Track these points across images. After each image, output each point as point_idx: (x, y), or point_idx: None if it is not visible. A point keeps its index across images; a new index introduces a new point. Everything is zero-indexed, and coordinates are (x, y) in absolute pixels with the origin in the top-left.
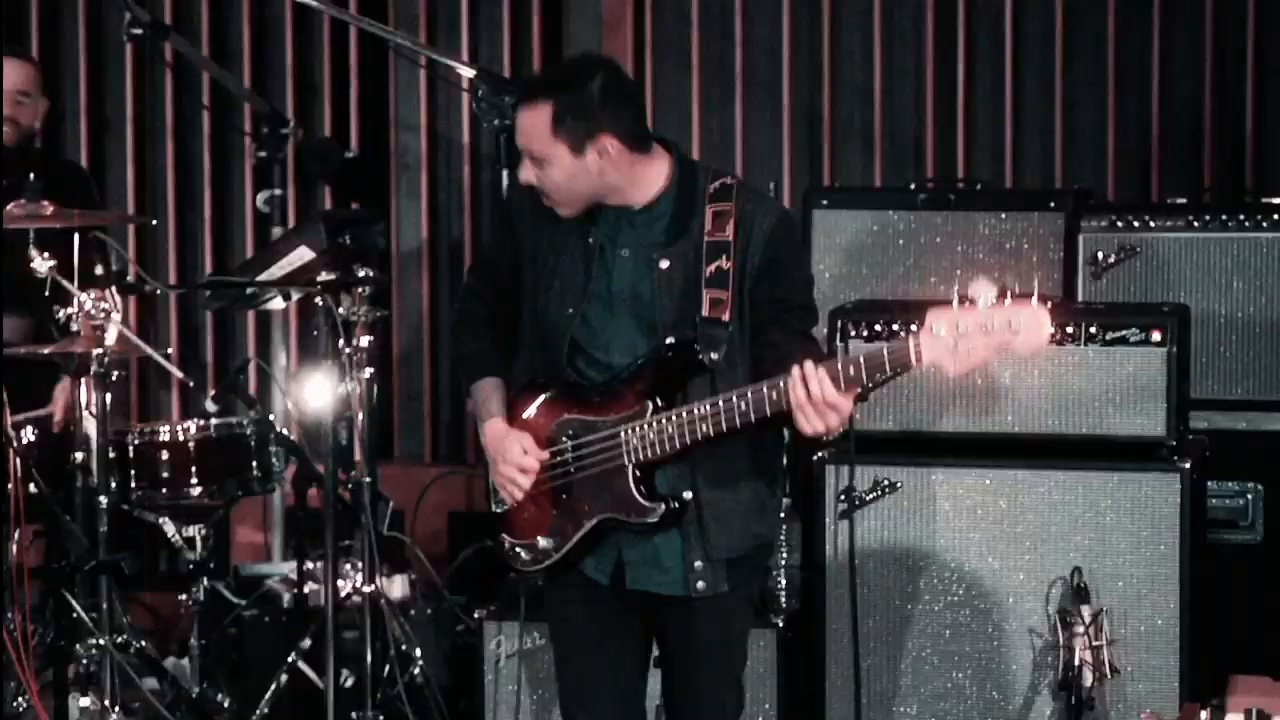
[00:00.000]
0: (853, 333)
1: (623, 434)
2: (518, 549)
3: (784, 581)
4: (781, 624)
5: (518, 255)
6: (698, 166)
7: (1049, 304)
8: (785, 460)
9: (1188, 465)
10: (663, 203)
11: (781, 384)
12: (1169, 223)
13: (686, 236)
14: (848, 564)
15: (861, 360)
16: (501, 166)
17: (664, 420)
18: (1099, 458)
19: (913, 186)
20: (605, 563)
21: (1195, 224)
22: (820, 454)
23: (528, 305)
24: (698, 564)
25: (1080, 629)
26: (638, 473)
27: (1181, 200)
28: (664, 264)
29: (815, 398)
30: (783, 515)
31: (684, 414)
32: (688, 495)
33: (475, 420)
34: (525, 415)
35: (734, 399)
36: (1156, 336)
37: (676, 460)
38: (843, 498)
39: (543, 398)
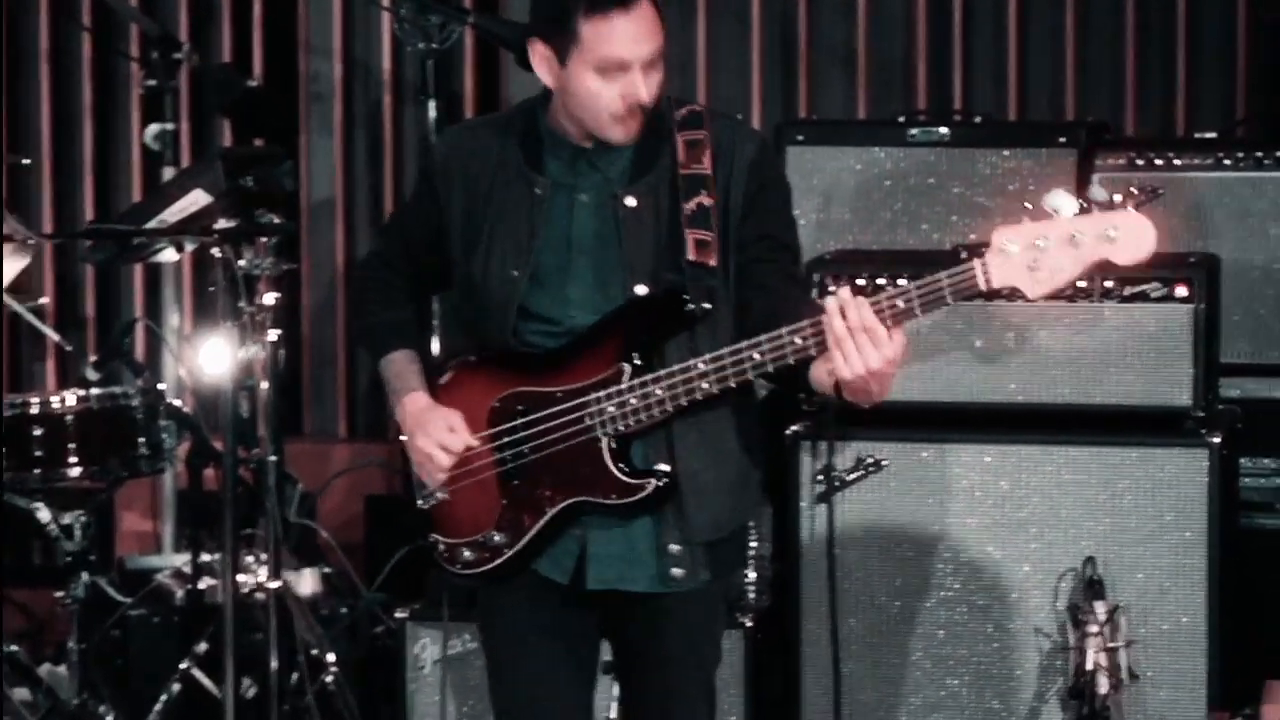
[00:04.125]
0: (832, 287)
1: (594, 402)
2: (461, 549)
3: (753, 575)
4: (750, 624)
5: (443, 222)
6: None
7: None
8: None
9: (1218, 440)
10: None
11: (805, 327)
12: (1197, 160)
13: (655, 169)
14: (826, 555)
15: (914, 292)
16: (427, 97)
17: (650, 382)
18: (1116, 431)
19: (901, 119)
20: (565, 558)
21: (1227, 161)
22: (794, 427)
23: (460, 274)
24: (673, 548)
25: (1094, 628)
26: (614, 446)
27: (1211, 134)
28: (630, 201)
29: (855, 325)
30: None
31: (677, 373)
32: (664, 467)
33: (390, 400)
34: (459, 393)
35: (745, 350)
36: (1182, 291)
37: (654, 428)
38: (820, 478)
39: (481, 371)
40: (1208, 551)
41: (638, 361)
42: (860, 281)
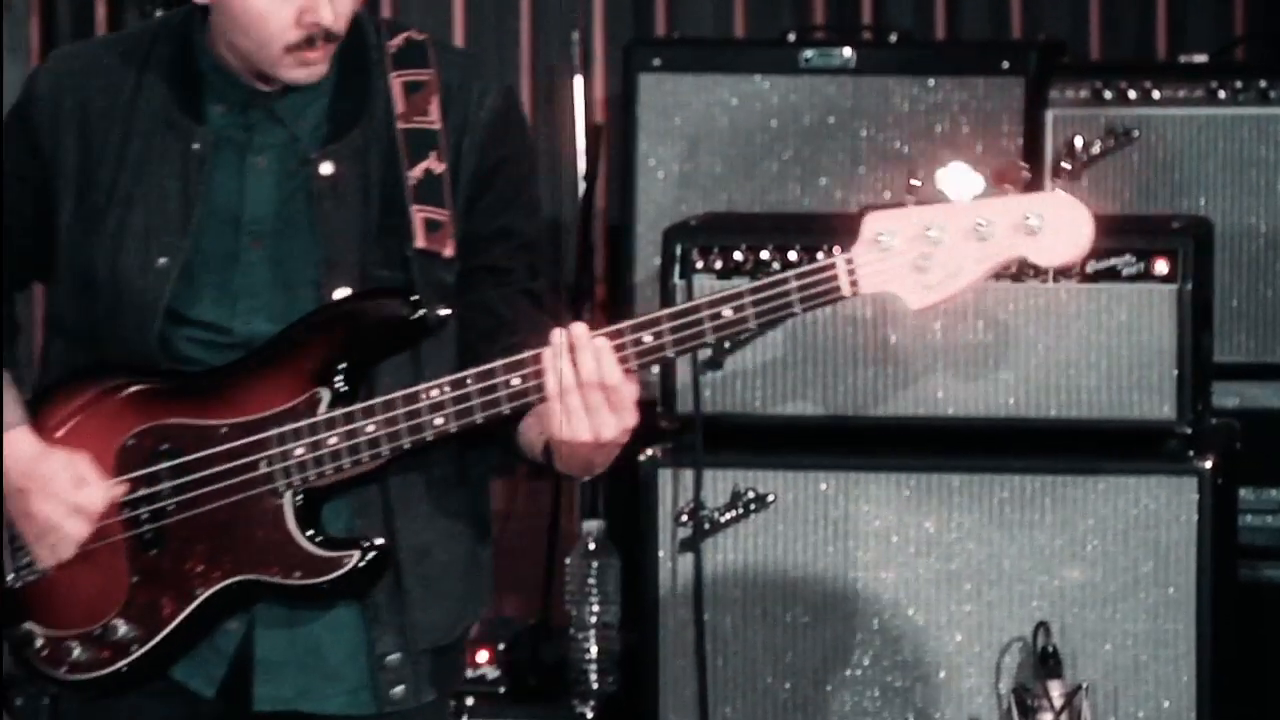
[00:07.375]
0: (699, 264)
1: (274, 441)
2: (69, 645)
3: (594, 650)
4: (590, 714)
5: (48, 183)
6: (362, 15)
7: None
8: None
9: (1209, 464)
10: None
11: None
12: (1181, 93)
13: (364, 123)
14: (693, 621)
15: (747, 297)
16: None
17: (359, 414)
18: (1077, 454)
19: (792, 38)
20: (213, 664)
21: (1221, 95)
22: (650, 451)
23: (73, 258)
24: (391, 658)
25: (1048, 716)
26: (299, 503)
27: (1200, 58)
28: (326, 168)
29: (588, 378)
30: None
31: (399, 402)
32: (379, 541)
33: None
34: (74, 428)
35: (470, 381)
36: (1163, 267)
37: (354, 484)
38: (685, 518)
39: (109, 397)
40: (1197, 613)
41: (341, 386)
42: (738, 256)
